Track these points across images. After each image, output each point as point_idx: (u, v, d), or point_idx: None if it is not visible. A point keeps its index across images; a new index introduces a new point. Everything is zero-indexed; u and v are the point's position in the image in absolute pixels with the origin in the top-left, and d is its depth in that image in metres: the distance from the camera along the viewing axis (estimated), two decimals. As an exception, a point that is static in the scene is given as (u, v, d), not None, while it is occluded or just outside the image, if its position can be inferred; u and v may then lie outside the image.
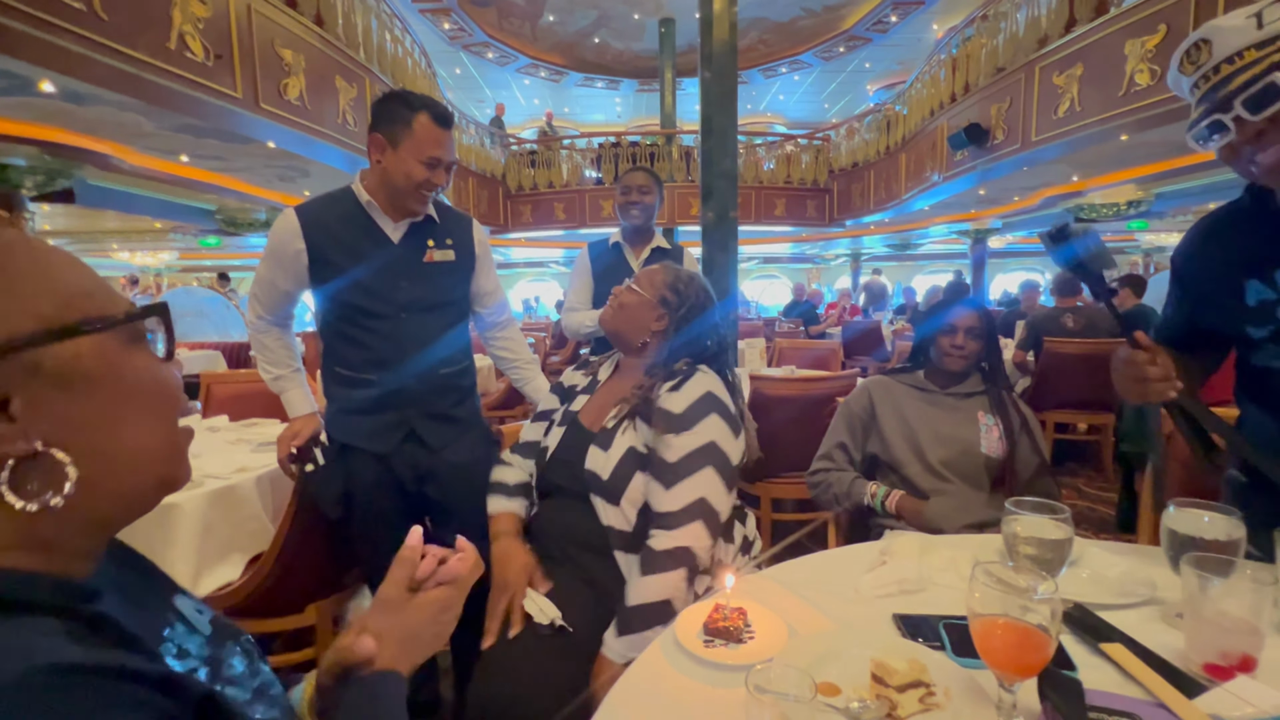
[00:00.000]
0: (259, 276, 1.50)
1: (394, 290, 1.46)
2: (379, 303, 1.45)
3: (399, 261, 1.47)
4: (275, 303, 1.52)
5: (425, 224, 1.52)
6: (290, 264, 1.45)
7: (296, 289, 1.51)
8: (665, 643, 0.83)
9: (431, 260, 1.51)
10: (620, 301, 1.34)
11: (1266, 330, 0.98)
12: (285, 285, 1.49)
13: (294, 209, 1.46)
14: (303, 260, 1.44)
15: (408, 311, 1.47)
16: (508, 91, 14.10)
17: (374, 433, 1.47)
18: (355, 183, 1.48)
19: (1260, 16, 0.86)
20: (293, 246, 1.43)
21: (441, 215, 1.55)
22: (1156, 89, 4.50)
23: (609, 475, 1.15)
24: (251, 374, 2.95)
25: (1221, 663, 0.71)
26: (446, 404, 1.54)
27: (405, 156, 1.39)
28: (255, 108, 4.51)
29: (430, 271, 1.51)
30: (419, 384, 1.49)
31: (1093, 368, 3.66)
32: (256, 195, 7.31)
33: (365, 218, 1.46)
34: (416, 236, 1.50)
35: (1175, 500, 0.87)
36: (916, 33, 11.43)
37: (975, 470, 1.52)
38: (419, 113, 1.39)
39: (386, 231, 1.47)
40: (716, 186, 4.84)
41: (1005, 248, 14.72)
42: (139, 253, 13.84)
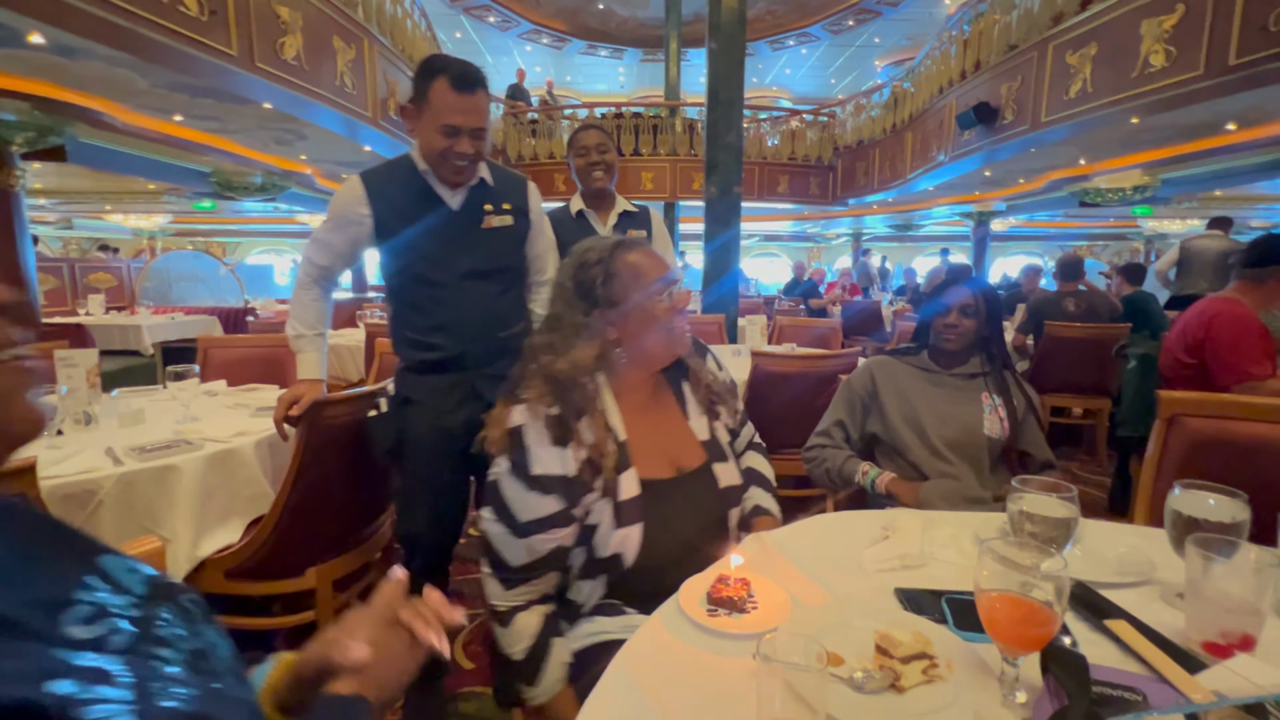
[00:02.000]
0: (317, 237, 1.54)
1: (453, 258, 1.50)
2: (439, 271, 1.49)
3: (458, 229, 1.50)
4: (328, 265, 1.55)
5: (480, 189, 1.53)
6: (352, 229, 1.49)
7: (353, 252, 1.55)
8: (668, 612, 0.84)
9: (490, 226, 1.54)
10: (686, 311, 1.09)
11: None
12: (343, 249, 1.53)
13: (360, 175, 1.49)
14: (365, 226, 1.47)
15: (468, 279, 1.52)
16: (508, 58, 13.80)
17: (437, 390, 1.53)
18: (414, 150, 1.50)
19: None
20: (357, 212, 1.47)
21: (497, 179, 1.56)
22: (1170, 71, 4.42)
23: (739, 477, 1.14)
24: (249, 338, 2.93)
25: (1221, 641, 0.72)
26: (505, 364, 1.54)
27: (426, 124, 1.39)
28: (251, 66, 4.40)
29: (488, 238, 1.55)
30: (479, 347, 1.53)
31: (1091, 352, 3.67)
32: (252, 158, 7.19)
33: (424, 185, 1.48)
34: (474, 202, 1.52)
35: (1181, 481, 0.88)
36: (927, 7, 11.20)
37: (977, 451, 1.52)
38: (437, 77, 1.36)
39: (445, 198, 1.50)
40: (721, 160, 4.77)
41: (1007, 230, 14.63)
42: (132, 215, 13.65)
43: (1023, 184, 8.80)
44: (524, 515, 0.95)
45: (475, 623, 2.02)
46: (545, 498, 0.95)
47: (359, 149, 6.66)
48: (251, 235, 18.39)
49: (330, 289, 1.62)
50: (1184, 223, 11.24)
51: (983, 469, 1.53)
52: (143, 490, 1.43)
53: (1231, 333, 2.12)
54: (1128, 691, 0.61)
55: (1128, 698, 0.60)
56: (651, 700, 0.67)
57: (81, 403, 1.73)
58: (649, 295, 1.03)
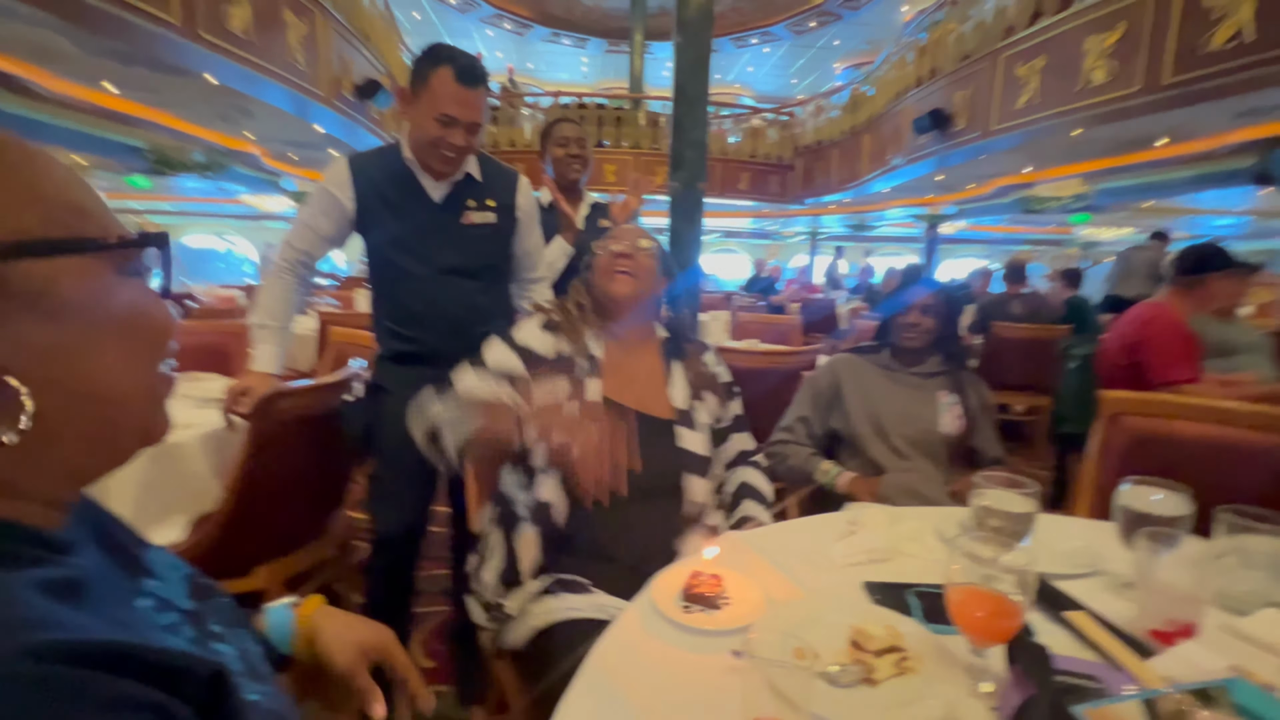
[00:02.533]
0: (300, 220, 1.49)
1: (432, 252, 1.47)
2: (417, 263, 1.46)
3: (438, 223, 1.48)
4: (309, 248, 1.49)
5: (466, 183, 1.49)
6: (335, 212, 1.45)
7: (338, 236, 1.49)
8: (642, 608, 0.83)
9: (470, 223, 1.49)
10: (639, 265, 1.21)
11: None
12: (326, 231, 1.48)
13: (346, 158, 1.47)
14: (348, 210, 1.45)
15: (447, 274, 1.48)
16: (468, 41, 13.46)
17: (409, 383, 1.43)
18: (402, 138, 1.46)
19: None
20: (341, 194, 1.44)
21: (486, 174, 1.52)
22: (1110, 86, 4.67)
23: (706, 450, 1.18)
24: (190, 325, 2.77)
25: (1167, 629, 0.76)
26: None
27: (422, 110, 1.36)
28: (193, 36, 4.15)
29: (468, 234, 1.50)
30: (454, 344, 1.46)
31: (1034, 351, 3.85)
32: (192, 134, 6.80)
33: (408, 174, 1.45)
34: (457, 197, 1.49)
35: (1130, 478, 0.92)
36: (886, 13, 11.48)
37: (934, 447, 1.57)
38: (441, 66, 1.33)
39: (428, 190, 1.46)
40: (686, 156, 4.76)
41: (957, 234, 15.20)
42: (56, 190, 12.73)
43: (973, 189, 9.16)
44: (490, 359, 1.18)
45: (434, 619, 1.98)
46: (514, 358, 1.17)
47: (310, 129, 6.38)
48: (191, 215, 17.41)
49: (308, 278, 1.55)
50: (1117, 230, 11.90)
51: (939, 465, 1.58)
52: (74, 486, 1.34)
53: (1162, 337, 2.26)
54: (1087, 679, 0.64)
55: (1089, 686, 0.63)
56: (628, 698, 0.66)
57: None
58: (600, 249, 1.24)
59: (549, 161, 2.16)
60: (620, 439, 0.95)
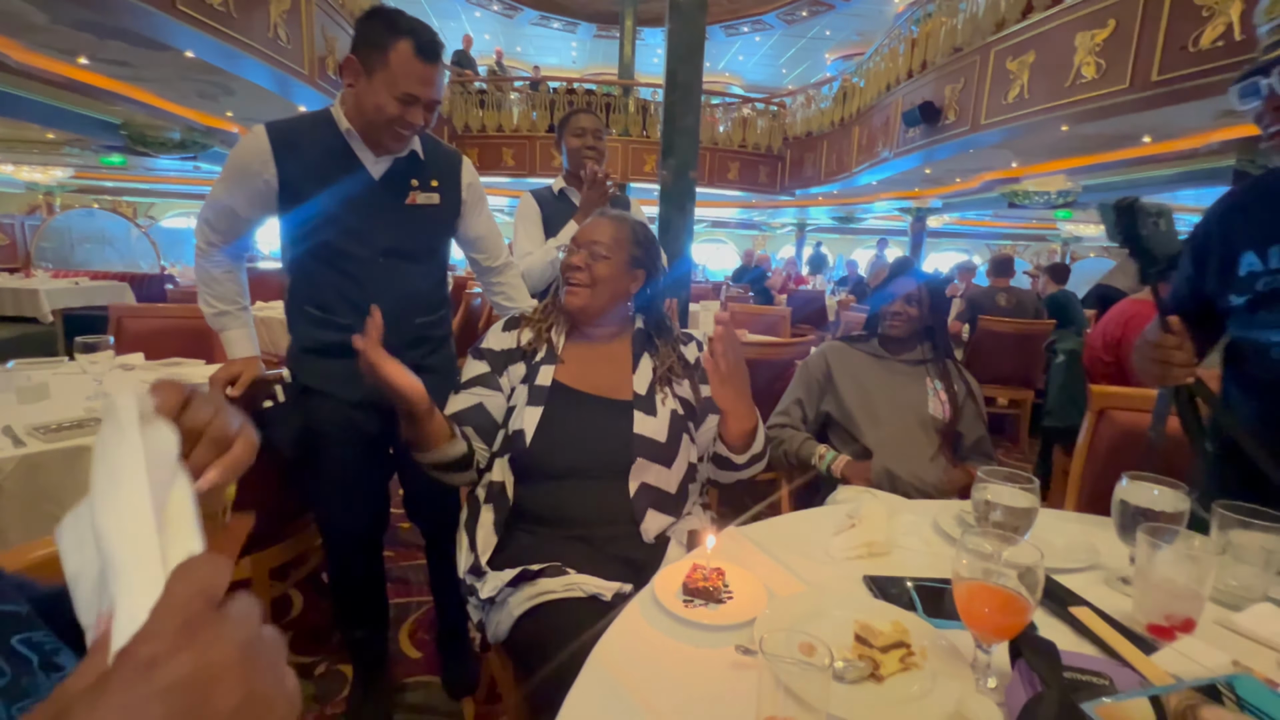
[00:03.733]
0: (214, 199, 1.35)
1: (372, 233, 1.35)
2: (355, 244, 1.34)
3: (379, 201, 1.36)
4: (231, 230, 1.37)
5: (410, 161, 1.39)
6: (254, 188, 1.31)
7: (258, 216, 1.37)
8: (644, 602, 0.82)
9: (414, 203, 1.40)
10: (594, 275, 1.19)
11: (1244, 299, 1.03)
12: (245, 212, 1.35)
13: (264, 126, 1.31)
14: (271, 186, 1.31)
15: (386, 256, 1.38)
16: (456, 22, 13.20)
17: (342, 378, 1.35)
18: (335, 106, 1.33)
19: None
20: (260, 169, 1.29)
21: (428, 152, 1.42)
22: (1100, 83, 4.69)
23: (666, 438, 1.16)
24: (169, 308, 2.70)
25: (1165, 624, 0.76)
26: (419, 354, 1.45)
27: (378, 87, 1.24)
28: (171, 9, 4.01)
29: (412, 215, 1.40)
30: (392, 334, 1.34)
31: (1018, 346, 3.90)
32: (170, 111, 6.61)
33: (344, 147, 1.33)
34: (400, 175, 1.38)
35: (1129, 473, 0.92)
36: (877, 4, 11.45)
37: (923, 429, 1.62)
38: (401, 39, 1.23)
39: (367, 165, 1.35)
40: (678, 144, 4.73)
41: (942, 227, 15.32)
42: (25, 167, 12.31)
43: (959, 183, 9.22)
44: (464, 376, 1.23)
45: (421, 610, 1.96)
46: (479, 363, 1.22)
47: (293, 108, 6.23)
48: (168, 196, 16.97)
49: (241, 257, 1.45)
50: (1098, 227, 12.08)
51: (928, 446, 1.62)
52: (49, 475, 1.29)
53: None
54: (1095, 676, 0.64)
55: (1096, 682, 0.63)
56: (631, 695, 0.65)
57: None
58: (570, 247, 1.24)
59: (565, 151, 2.14)
60: None
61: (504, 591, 1.05)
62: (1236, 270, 1.04)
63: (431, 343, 1.50)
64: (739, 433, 1.13)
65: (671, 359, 1.25)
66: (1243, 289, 1.03)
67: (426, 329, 1.48)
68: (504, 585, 1.04)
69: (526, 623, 1.00)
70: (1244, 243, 1.04)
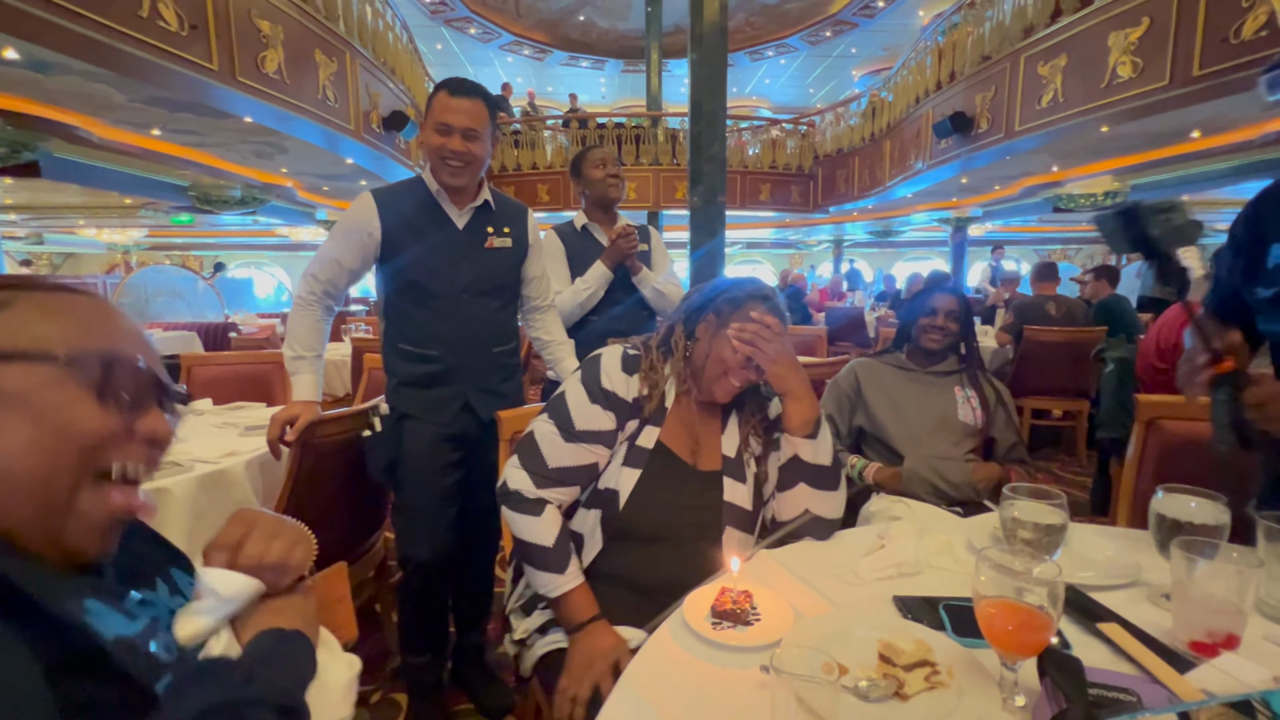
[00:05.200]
0: (323, 254, 1.58)
1: (456, 272, 1.57)
2: (442, 283, 1.56)
3: (462, 246, 1.59)
4: (334, 280, 1.59)
5: (485, 212, 1.62)
6: (361, 243, 1.55)
7: (361, 268, 1.60)
8: (675, 625, 0.85)
9: (491, 246, 1.62)
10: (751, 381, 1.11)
11: (1271, 291, 1.01)
12: (351, 264, 1.57)
13: (371, 193, 1.57)
14: (375, 240, 1.54)
15: (468, 293, 1.59)
16: (489, 69, 13.83)
17: (432, 404, 1.58)
18: (425, 172, 1.59)
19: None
20: (368, 227, 1.54)
21: (499, 205, 1.66)
22: (1138, 81, 4.57)
23: (752, 505, 1.13)
24: (233, 356, 2.90)
25: (1207, 641, 0.74)
26: (497, 379, 1.65)
27: (427, 130, 1.52)
28: (232, 81, 4.37)
29: (489, 257, 1.62)
30: (475, 360, 1.61)
31: (1069, 355, 3.76)
32: (231, 171, 7.12)
33: (434, 203, 1.57)
34: (478, 224, 1.61)
35: (1164, 485, 0.91)
36: (903, 19, 11.44)
37: (954, 435, 1.63)
38: (438, 91, 1.51)
39: (452, 217, 1.59)
40: (705, 171, 4.82)
41: (985, 235, 14.91)
42: (106, 230, 13.40)
43: (998, 190, 9.00)
44: (580, 424, 1.07)
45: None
46: (605, 413, 1.07)
47: (340, 161, 6.63)
48: (229, 248, 18.13)
49: (332, 310, 1.63)
50: (1153, 226, 11.55)
51: (960, 451, 1.63)
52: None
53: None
54: (1122, 693, 0.63)
55: (1122, 699, 0.62)
56: (659, 715, 0.68)
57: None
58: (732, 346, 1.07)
59: (586, 185, 2.20)
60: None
61: (533, 636, 1.10)
62: (1264, 261, 1.02)
63: (507, 370, 1.69)
64: (800, 420, 1.08)
65: (759, 414, 1.18)
66: (1271, 281, 1.01)
67: (503, 357, 1.67)
68: (534, 630, 1.10)
69: (551, 659, 1.05)
70: (1273, 233, 1.02)
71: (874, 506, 1.53)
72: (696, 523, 1.10)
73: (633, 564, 1.09)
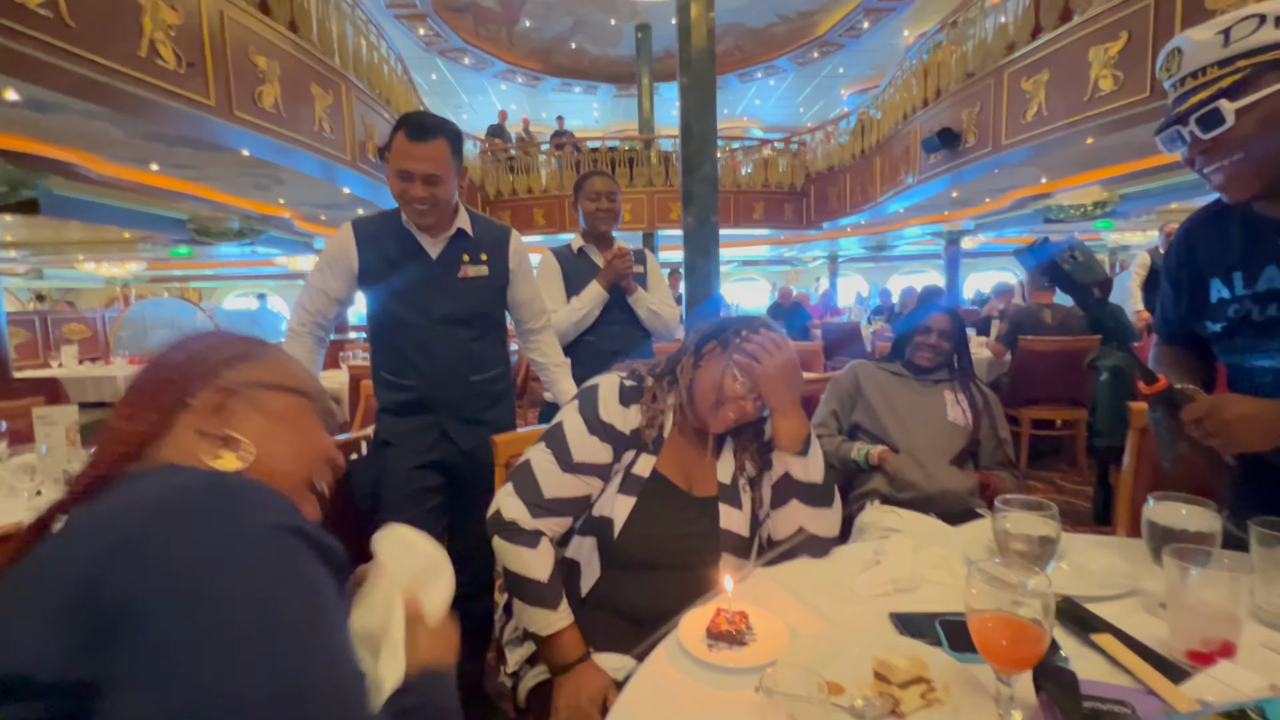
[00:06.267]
0: (311, 284, 1.59)
1: (429, 304, 1.56)
2: (415, 314, 1.56)
3: (435, 276, 1.58)
4: (322, 310, 1.60)
5: (461, 239, 1.61)
6: (343, 272, 1.57)
7: (348, 296, 1.61)
8: (670, 647, 0.84)
9: (465, 276, 1.60)
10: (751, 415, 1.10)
11: (1220, 326, 1.02)
12: (337, 293, 1.59)
13: (351, 223, 1.58)
14: (354, 270, 1.56)
15: (442, 324, 1.58)
16: (484, 96, 14.06)
17: (411, 432, 1.58)
18: None
19: (1229, 34, 0.86)
20: (348, 257, 1.55)
21: (478, 230, 1.64)
22: (1119, 94, 4.65)
23: (749, 532, 1.13)
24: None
25: (1204, 649, 0.74)
26: (477, 408, 1.64)
27: (390, 172, 1.50)
28: (229, 115, 4.43)
29: (463, 287, 1.61)
30: (452, 390, 1.60)
31: (1065, 364, 3.76)
32: (229, 204, 7.19)
33: (408, 235, 1.57)
34: (453, 252, 1.59)
35: (1155, 494, 0.91)
36: (888, 39, 11.67)
37: (944, 436, 1.70)
38: (398, 130, 1.47)
39: (426, 248, 1.58)
40: (697, 192, 4.88)
41: (978, 248, 15.03)
42: (105, 263, 13.48)
43: (989, 203, 9.10)
44: (579, 454, 1.06)
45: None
46: (602, 445, 1.07)
47: (337, 191, 6.70)
48: (228, 279, 18.24)
49: (324, 338, 1.65)
50: (1144, 234, 11.65)
51: (950, 451, 1.69)
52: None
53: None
54: (1117, 705, 0.63)
55: (1117, 711, 0.62)
56: (656, 740, 0.67)
57: (62, 461, 1.69)
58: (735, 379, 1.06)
59: (580, 213, 2.26)
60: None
61: (523, 667, 1.09)
62: (1208, 296, 1.04)
63: (490, 397, 1.67)
64: (790, 437, 1.08)
65: (749, 445, 1.16)
66: (1217, 316, 1.03)
67: (483, 385, 1.65)
68: (524, 661, 1.09)
69: (542, 689, 1.04)
70: (1209, 269, 1.04)
71: (867, 518, 1.54)
72: (693, 550, 1.09)
73: (629, 592, 1.07)
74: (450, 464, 1.60)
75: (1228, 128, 0.86)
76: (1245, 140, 0.87)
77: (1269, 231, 0.96)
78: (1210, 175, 0.93)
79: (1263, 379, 0.99)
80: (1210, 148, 0.90)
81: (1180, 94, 0.92)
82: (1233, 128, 0.86)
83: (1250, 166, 0.88)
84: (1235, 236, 1.01)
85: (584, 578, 1.09)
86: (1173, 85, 0.94)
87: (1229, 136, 0.87)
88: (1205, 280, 1.05)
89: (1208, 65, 0.88)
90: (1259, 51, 0.84)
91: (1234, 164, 0.89)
